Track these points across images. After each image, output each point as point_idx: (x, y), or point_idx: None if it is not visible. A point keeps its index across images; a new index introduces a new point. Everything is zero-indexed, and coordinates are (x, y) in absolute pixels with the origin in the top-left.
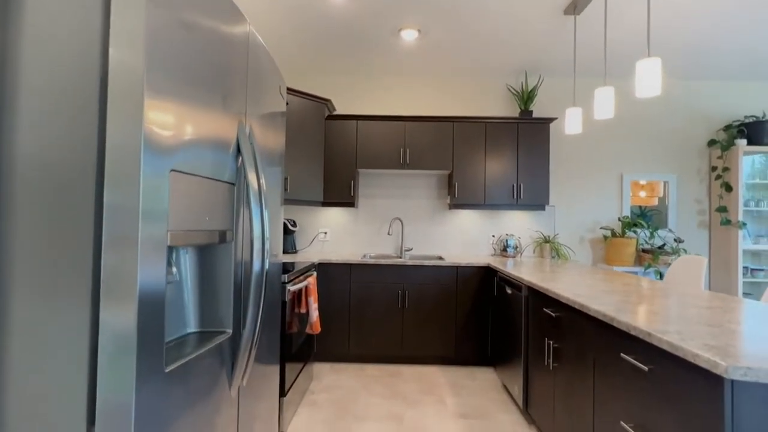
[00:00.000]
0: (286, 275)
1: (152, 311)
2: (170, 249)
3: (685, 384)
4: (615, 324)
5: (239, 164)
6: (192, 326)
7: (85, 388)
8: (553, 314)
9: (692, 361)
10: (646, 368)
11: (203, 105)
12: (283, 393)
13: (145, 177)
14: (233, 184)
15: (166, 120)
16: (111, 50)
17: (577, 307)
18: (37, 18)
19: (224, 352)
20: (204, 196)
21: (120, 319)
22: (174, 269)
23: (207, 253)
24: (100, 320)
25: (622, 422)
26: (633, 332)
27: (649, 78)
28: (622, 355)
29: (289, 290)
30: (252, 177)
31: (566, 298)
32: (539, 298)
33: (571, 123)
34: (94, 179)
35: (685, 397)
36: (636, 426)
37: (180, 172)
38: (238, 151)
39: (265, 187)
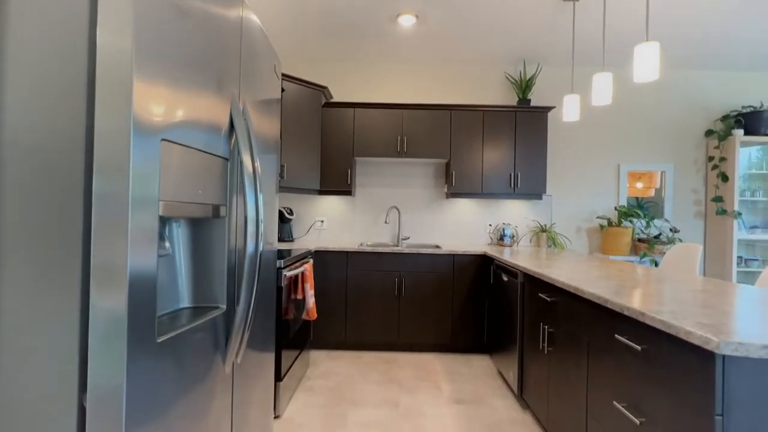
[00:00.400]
0: (281, 261)
1: (144, 283)
2: (162, 222)
3: (677, 362)
4: (609, 306)
5: (232, 144)
6: (185, 302)
7: (76, 357)
8: (549, 299)
9: (685, 338)
10: (639, 348)
11: (195, 85)
12: (279, 377)
13: (135, 156)
14: (227, 159)
15: (157, 102)
16: (98, 34)
17: (572, 290)
18: (22, 1)
19: (218, 327)
20: (196, 169)
21: (111, 292)
22: (167, 244)
23: (200, 229)
24: (90, 291)
25: (615, 402)
26: (627, 313)
27: (647, 62)
28: (615, 336)
29: (285, 276)
30: (246, 158)
31: (561, 283)
32: (535, 283)
33: (569, 110)
34: (83, 161)
35: (678, 374)
36: (629, 405)
37: (171, 141)
38: (231, 131)
39: (260, 170)
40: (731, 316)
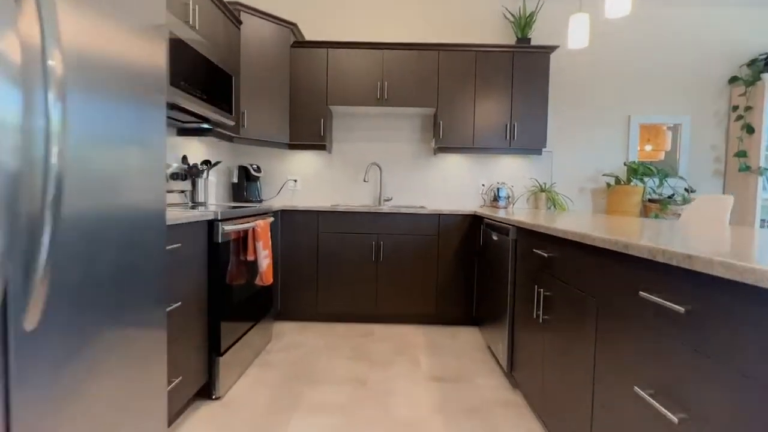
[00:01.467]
0: (218, 213)
1: None
2: None
3: (749, 327)
4: (630, 252)
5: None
6: None
7: None
8: (545, 255)
9: (766, 286)
10: (682, 310)
11: None
12: (218, 352)
13: None
14: None
15: None
16: None
17: (576, 239)
18: None
19: None
20: None
21: None
22: None
23: None
24: None
25: (636, 387)
26: (660, 258)
27: None
28: (640, 294)
29: (223, 230)
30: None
31: (562, 232)
32: (529, 239)
33: (575, 34)
34: None
35: (747, 345)
36: (657, 392)
37: None
38: None
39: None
40: None
